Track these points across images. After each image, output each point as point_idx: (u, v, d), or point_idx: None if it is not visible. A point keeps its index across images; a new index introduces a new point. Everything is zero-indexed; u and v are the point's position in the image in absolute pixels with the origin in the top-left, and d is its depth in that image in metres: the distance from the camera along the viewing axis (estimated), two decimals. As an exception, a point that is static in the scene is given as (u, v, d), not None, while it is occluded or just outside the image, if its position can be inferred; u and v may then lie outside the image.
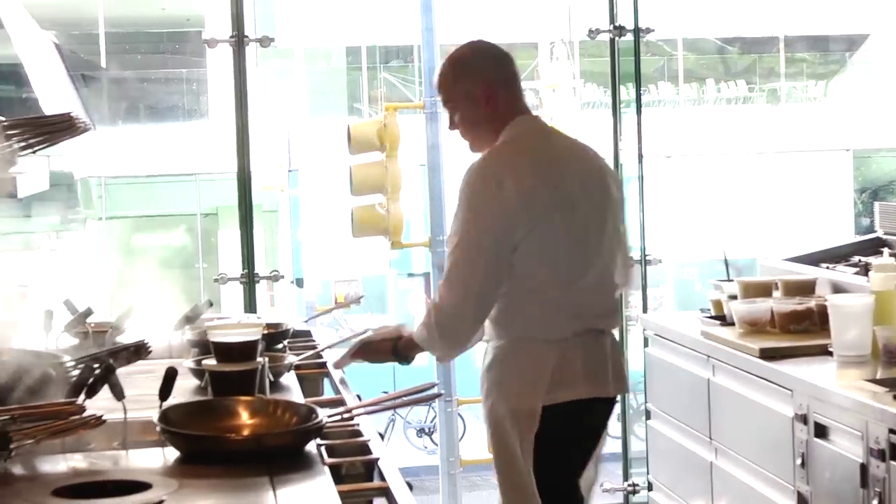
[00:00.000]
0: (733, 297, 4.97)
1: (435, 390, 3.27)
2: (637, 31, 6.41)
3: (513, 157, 3.84)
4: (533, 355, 3.79)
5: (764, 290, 4.94)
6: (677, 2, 16.64)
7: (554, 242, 3.77)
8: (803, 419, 4.13)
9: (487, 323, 3.84)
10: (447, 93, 3.96)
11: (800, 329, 4.64)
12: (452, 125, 3.98)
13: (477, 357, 4.17)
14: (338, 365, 4.03)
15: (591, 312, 3.83)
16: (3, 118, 3.49)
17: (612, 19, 6.44)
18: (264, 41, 5.91)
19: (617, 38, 6.40)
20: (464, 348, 3.87)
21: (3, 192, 3.17)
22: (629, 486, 6.53)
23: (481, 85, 3.88)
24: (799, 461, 4.16)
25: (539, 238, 3.75)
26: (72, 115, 3.73)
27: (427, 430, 16.52)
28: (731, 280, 5.15)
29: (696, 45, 19.83)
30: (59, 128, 3.73)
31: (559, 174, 3.83)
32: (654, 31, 6.49)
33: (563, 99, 14.00)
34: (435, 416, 15.30)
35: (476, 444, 12.71)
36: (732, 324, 4.83)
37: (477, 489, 13.51)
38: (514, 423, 3.76)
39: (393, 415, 15.30)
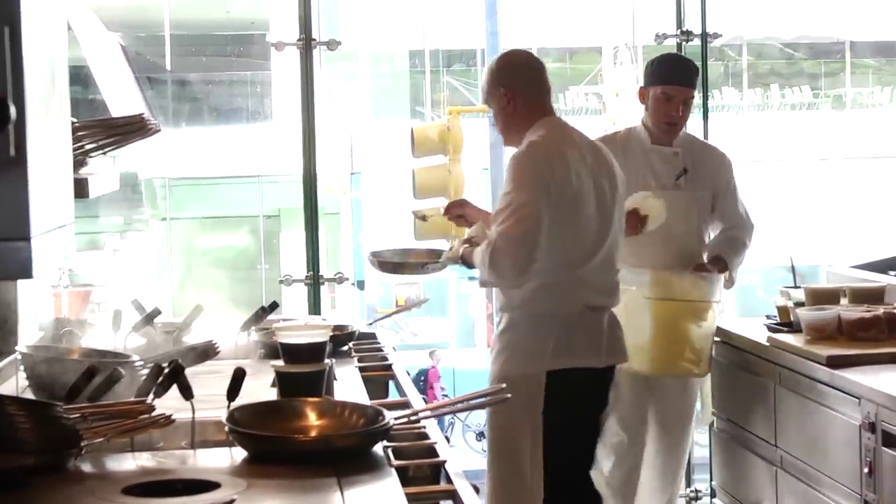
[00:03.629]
0: (800, 304, 4.93)
1: (503, 394, 3.26)
2: (704, 36, 6.37)
3: (547, 148, 4.40)
4: (539, 327, 4.38)
5: (831, 297, 4.91)
6: (742, 6, 16.54)
7: (570, 228, 4.36)
8: (871, 427, 4.10)
9: (501, 294, 4.49)
10: (483, 92, 4.66)
11: (867, 337, 4.60)
12: (495, 122, 4.68)
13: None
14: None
15: (593, 292, 4.43)
16: (75, 119, 3.53)
17: (680, 24, 6.40)
18: (331, 44, 5.92)
19: (684, 43, 6.37)
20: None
21: (76, 193, 3.19)
22: (692, 492, 6.49)
23: (504, 89, 4.51)
24: (866, 469, 4.13)
25: (560, 222, 4.32)
26: (143, 116, 3.77)
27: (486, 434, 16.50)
28: (798, 287, 5.11)
29: (760, 50, 19.72)
30: (131, 129, 3.77)
31: (579, 168, 4.40)
32: (721, 35, 6.46)
33: (626, 103, 13.98)
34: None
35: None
36: (799, 331, 4.79)
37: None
38: (521, 384, 4.21)
39: (452, 418, 15.32)
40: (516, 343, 4.43)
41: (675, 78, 5.27)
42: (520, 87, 4.53)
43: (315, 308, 5.93)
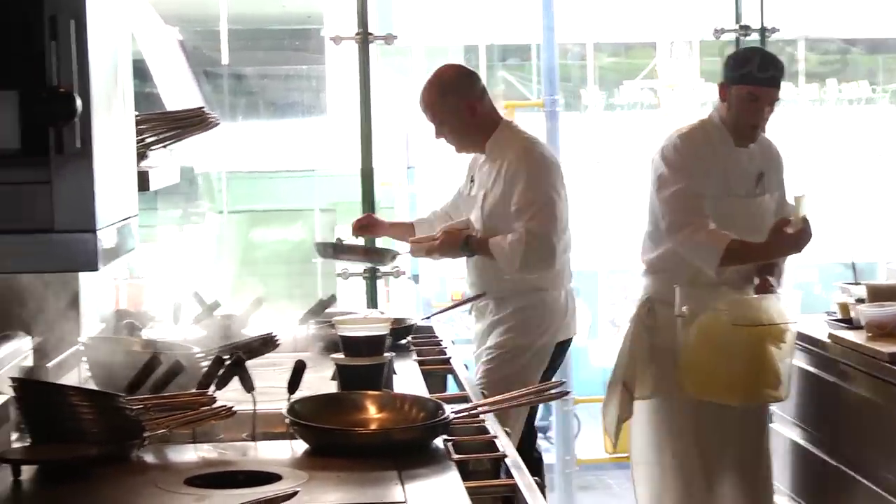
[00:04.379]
0: (861, 301, 4.89)
1: (562, 388, 3.25)
2: (763, 31, 6.33)
3: (543, 146, 5.02)
4: (554, 304, 4.94)
5: (892, 293, 4.86)
6: (799, 1, 16.43)
7: (567, 215, 4.88)
8: (934, 425, 4.07)
9: (507, 279, 4.85)
10: (433, 110, 4.92)
11: (930, 333, 4.56)
12: (438, 135, 4.97)
13: (592, 355, 4.76)
14: (414, 253, 5.09)
15: (567, 268, 5.02)
16: (136, 113, 3.54)
17: (738, 19, 6.37)
18: (388, 38, 5.92)
19: (742, 38, 6.33)
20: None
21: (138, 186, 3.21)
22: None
23: (465, 101, 4.86)
24: (929, 468, 4.09)
25: (565, 211, 4.86)
26: (203, 110, 3.79)
27: (541, 429, 16.46)
28: (859, 283, 5.07)
29: (817, 45, 19.56)
30: (191, 123, 3.79)
31: (558, 160, 4.98)
32: (779, 30, 6.42)
33: (681, 98, 13.93)
34: (550, 415, 15.24)
35: (591, 443, 12.65)
36: (860, 327, 4.75)
37: (591, 489, 13.43)
38: (526, 354, 4.85)
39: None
40: (532, 319, 4.92)
41: (763, 78, 4.88)
42: (477, 97, 4.91)
43: (372, 302, 5.94)
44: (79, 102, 2.00)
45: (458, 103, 4.87)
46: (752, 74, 4.90)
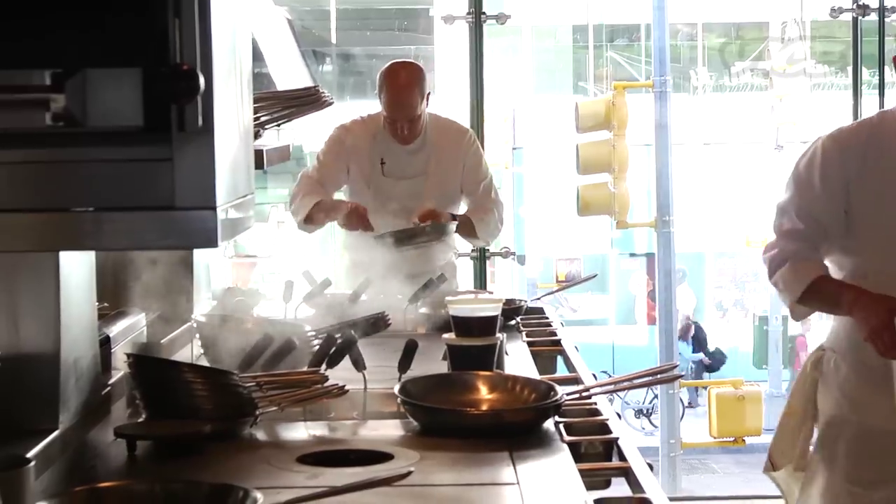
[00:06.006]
0: None
1: (676, 371, 3.22)
2: (882, 11, 6.22)
3: None
4: None
5: None
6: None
7: None
8: None
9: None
10: (418, 104, 5.01)
11: None
12: (408, 129, 5.05)
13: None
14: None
15: None
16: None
17: (856, -2, 6.27)
18: (501, 18, 5.90)
19: (860, 18, 6.23)
20: None
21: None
22: None
23: (426, 93, 5.07)
24: None
25: None
26: (318, 89, 3.79)
27: (645, 412, 16.41)
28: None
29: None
30: (305, 102, 3.81)
31: None
32: (900, 10, 6.31)
33: (793, 80, 13.74)
34: (654, 398, 15.16)
35: (695, 426, 12.57)
36: None
37: (695, 472, 13.36)
38: None
39: (611, 395, 15.25)
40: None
41: None
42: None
43: (481, 282, 5.94)
44: (202, 80, 2.00)
45: (424, 95, 5.08)
46: None
